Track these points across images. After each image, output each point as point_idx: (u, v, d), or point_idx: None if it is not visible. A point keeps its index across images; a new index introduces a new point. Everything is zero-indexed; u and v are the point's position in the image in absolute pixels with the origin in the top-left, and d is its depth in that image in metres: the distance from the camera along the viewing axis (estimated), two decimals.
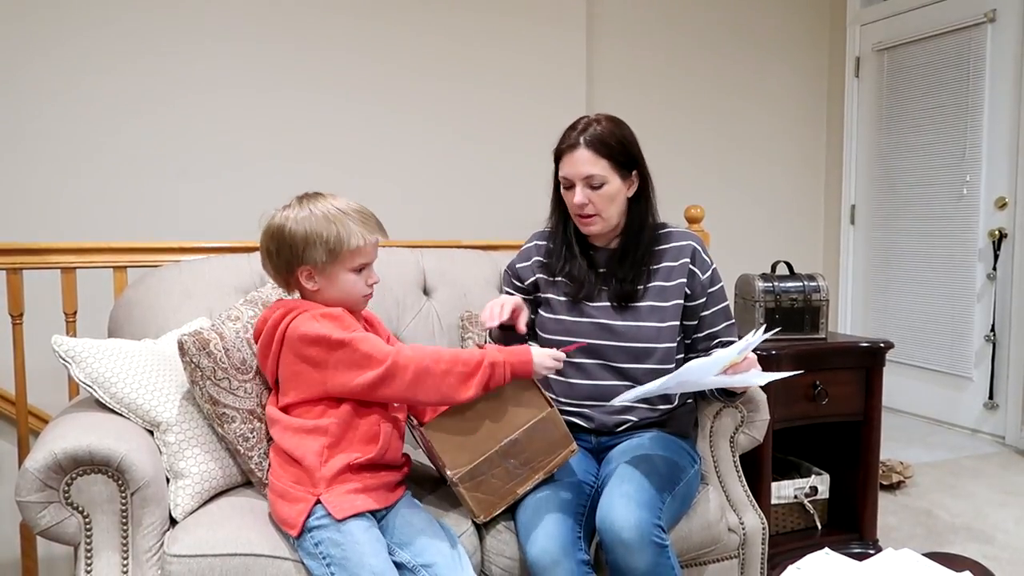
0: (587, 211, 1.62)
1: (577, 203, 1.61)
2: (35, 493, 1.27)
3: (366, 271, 1.44)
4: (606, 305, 1.67)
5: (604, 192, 1.61)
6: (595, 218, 1.64)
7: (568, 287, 1.70)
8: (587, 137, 1.61)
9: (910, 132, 3.89)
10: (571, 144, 1.62)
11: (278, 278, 1.45)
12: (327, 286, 1.41)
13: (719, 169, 4.05)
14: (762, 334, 1.47)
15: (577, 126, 1.64)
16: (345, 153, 3.16)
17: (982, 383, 3.57)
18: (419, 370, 1.34)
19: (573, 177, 1.62)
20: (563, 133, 1.67)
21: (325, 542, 1.30)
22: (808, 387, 2.18)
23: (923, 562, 1.30)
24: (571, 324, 1.68)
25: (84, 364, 1.44)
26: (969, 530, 2.53)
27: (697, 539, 1.63)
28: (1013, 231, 3.41)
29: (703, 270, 1.70)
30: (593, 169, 1.60)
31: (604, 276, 1.70)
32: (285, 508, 1.35)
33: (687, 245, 1.70)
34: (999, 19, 3.44)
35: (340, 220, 1.38)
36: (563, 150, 1.64)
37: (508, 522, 1.53)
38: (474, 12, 3.35)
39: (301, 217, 1.38)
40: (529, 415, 1.47)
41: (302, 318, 1.37)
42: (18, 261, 2.01)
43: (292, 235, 1.37)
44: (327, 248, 1.37)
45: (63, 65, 2.73)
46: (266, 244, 1.42)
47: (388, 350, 1.34)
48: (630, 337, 1.64)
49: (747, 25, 4.07)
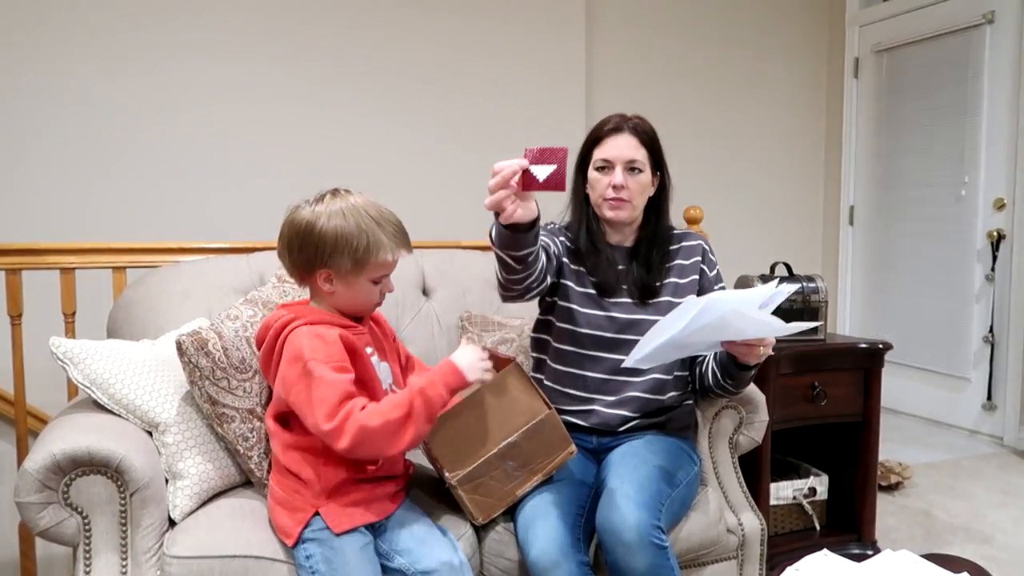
0: (622, 195, 1.63)
1: (616, 183, 1.63)
2: (34, 494, 1.27)
3: (384, 281, 1.40)
4: (626, 301, 1.68)
5: (640, 180, 1.65)
6: (626, 204, 1.65)
7: (591, 281, 1.70)
8: (632, 124, 1.66)
9: (909, 133, 3.90)
10: (616, 127, 1.66)
11: (294, 272, 1.39)
12: (343, 291, 1.37)
13: (718, 170, 4.05)
14: (783, 289, 1.37)
15: (614, 117, 1.69)
16: (345, 156, 3.16)
17: (980, 384, 3.57)
18: (358, 436, 1.25)
19: (615, 159, 1.63)
20: (598, 123, 1.70)
21: (315, 556, 1.29)
22: (807, 388, 2.18)
23: (921, 563, 1.30)
24: (593, 318, 1.67)
25: (82, 365, 1.44)
26: (968, 531, 2.53)
27: (696, 540, 1.63)
28: (1011, 232, 3.41)
29: (711, 268, 1.76)
30: (636, 155, 1.64)
31: (623, 272, 1.71)
32: (283, 516, 1.34)
33: (697, 244, 1.76)
34: (998, 20, 3.45)
35: (372, 230, 1.32)
36: (607, 132, 1.66)
37: (507, 524, 1.52)
38: (473, 18, 3.36)
39: (333, 218, 1.31)
40: (527, 417, 1.47)
41: (298, 332, 1.32)
42: (17, 261, 2.01)
43: (321, 236, 1.31)
44: (354, 257, 1.32)
45: (63, 68, 2.73)
46: (289, 238, 1.35)
47: (338, 410, 1.25)
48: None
49: (746, 27, 4.07)
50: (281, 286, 1.71)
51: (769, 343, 1.47)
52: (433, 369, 1.37)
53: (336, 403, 1.26)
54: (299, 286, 1.43)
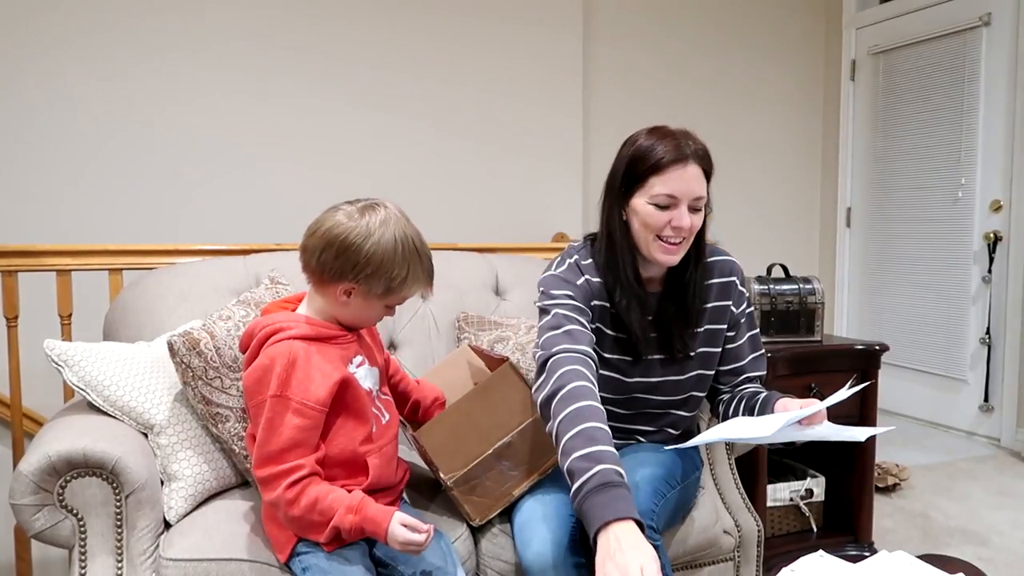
0: (683, 235, 1.41)
1: (682, 225, 1.39)
2: (29, 496, 1.27)
3: (394, 307, 1.37)
4: (655, 359, 1.52)
5: (700, 218, 1.42)
6: (683, 245, 1.43)
7: (624, 343, 1.49)
8: (699, 151, 1.40)
9: (906, 135, 3.90)
10: (682, 157, 1.38)
11: (313, 273, 1.30)
12: (356, 307, 1.32)
13: (715, 171, 4.05)
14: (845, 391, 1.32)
15: (676, 135, 1.40)
16: (341, 157, 3.16)
17: (977, 386, 3.58)
18: (281, 504, 1.23)
19: (682, 196, 1.38)
20: (650, 142, 1.40)
21: (312, 569, 1.27)
22: (804, 389, 2.18)
23: (917, 564, 1.30)
24: (619, 384, 1.52)
25: (77, 368, 1.44)
26: (964, 532, 2.53)
27: (693, 542, 1.63)
28: (1008, 234, 3.42)
29: (739, 304, 1.57)
30: (703, 191, 1.41)
31: (653, 324, 1.51)
32: (276, 531, 1.32)
33: (731, 282, 1.56)
34: (994, 23, 3.46)
35: (413, 261, 1.28)
36: (670, 162, 1.38)
37: (503, 525, 1.52)
38: (471, 17, 3.36)
39: (384, 242, 1.25)
40: (521, 417, 1.47)
41: (278, 351, 1.26)
42: (13, 263, 2.01)
43: (368, 257, 1.25)
44: (388, 285, 1.28)
45: (59, 69, 2.73)
46: (326, 243, 1.25)
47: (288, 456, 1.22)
48: (677, 390, 1.55)
49: (743, 29, 4.08)
50: (274, 287, 1.71)
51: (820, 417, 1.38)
52: (370, 512, 1.25)
53: (281, 449, 1.22)
54: (310, 285, 1.35)
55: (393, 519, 1.23)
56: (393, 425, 1.43)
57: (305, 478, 1.23)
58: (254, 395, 1.27)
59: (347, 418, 1.31)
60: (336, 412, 1.30)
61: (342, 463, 1.32)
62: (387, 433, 1.40)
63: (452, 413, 1.45)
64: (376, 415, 1.38)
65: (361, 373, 1.36)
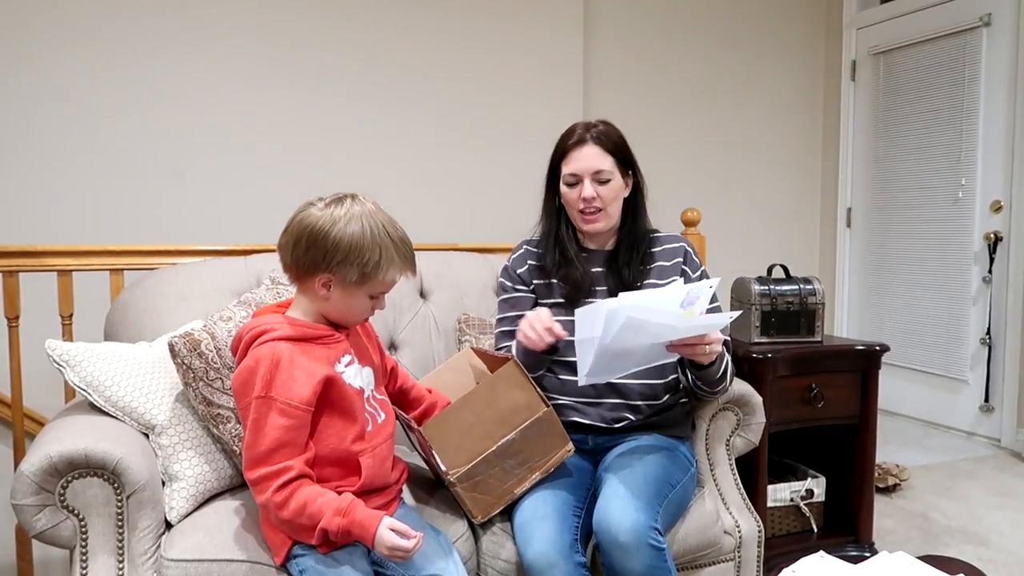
0: (595, 205, 1.65)
1: (587, 196, 1.64)
2: (31, 496, 1.27)
3: (380, 298, 1.36)
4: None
5: (610, 187, 1.65)
6: (600, 214, 1.67)
7: (563, 289, 1.71)
8: (594, 134, 1.66)
9: (906, 135, 3.90)
10: (578, 140, 1.66)
11: (292, 270, 1.32)
12: (338, 300, 1.31)
13: (715, 172, 4.06)
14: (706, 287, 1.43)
15: (577, 128, 1.69)
16: (341, 156, 3.16)
17: (978, 386, 3.58)
18: (272, 505, 1.23)
19: (582, 172, 1.64)
20: (562, 136, 1.71)
21: (309, 571, 1.27)
22: (804, 390, 2.18)
23: (917, 565, 1.30)
24: (564, 324, 1.61)
25: (78, 368, 1.44)
26: (965, 533, 2.53)
27: (693, 542, 1.63)
28: (1008, 234, 3.42)
29: (693, 270, 1.74)
30: (602, 164, 1.64)
31: (601, 276, 1.72)
32: (271, 533, 1.32)
33: (679, 246, 1.76)
34: (994, 23, 3.46)
35: (386, 245, 1.28)
36: (569, 147, 1.67)
37: (504, 524, 1.53)
38: (471, 17, 3.36)
39: (351, 225, 1.26)
40: (525, 415, 1.47)
41: (262, 352, 1.26)
42: (14, 263, 2.01)
43: (335, 243, 1.25)
44: (363, 270, 1.27)
45: (58, 68, 2.73)
46: (296, 236, 1.28)
47: (275, 458, 1.22)
48: None
49: (743, 29, 4.08)
50: (275, 288, 1.71)
51: (712, 339, 1.46)
52: (359, 516, 1.24)
53: (267, 450, 1.22)
54: (292, 283, 1.36)
55: (381, 523, 1.23)
56: (389, 425, 1.42)
57: (294, 480, 1.23)
58: (241, 397, 1.27)
59: (334, 417, 1.31)
60: (321, 411, 1.29)
61: (334, 462, 1.31)
62: (382, 433, 1.39)
63: (457, 409, 1.45)
64: (371, 414, 1.38)
65: (350, 372, 1.34)
